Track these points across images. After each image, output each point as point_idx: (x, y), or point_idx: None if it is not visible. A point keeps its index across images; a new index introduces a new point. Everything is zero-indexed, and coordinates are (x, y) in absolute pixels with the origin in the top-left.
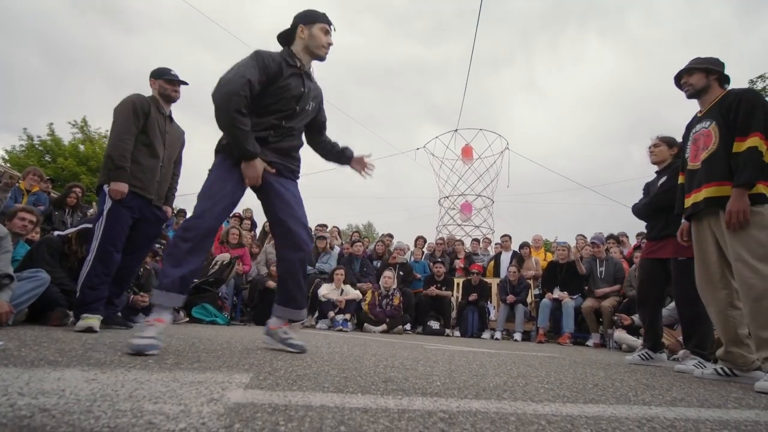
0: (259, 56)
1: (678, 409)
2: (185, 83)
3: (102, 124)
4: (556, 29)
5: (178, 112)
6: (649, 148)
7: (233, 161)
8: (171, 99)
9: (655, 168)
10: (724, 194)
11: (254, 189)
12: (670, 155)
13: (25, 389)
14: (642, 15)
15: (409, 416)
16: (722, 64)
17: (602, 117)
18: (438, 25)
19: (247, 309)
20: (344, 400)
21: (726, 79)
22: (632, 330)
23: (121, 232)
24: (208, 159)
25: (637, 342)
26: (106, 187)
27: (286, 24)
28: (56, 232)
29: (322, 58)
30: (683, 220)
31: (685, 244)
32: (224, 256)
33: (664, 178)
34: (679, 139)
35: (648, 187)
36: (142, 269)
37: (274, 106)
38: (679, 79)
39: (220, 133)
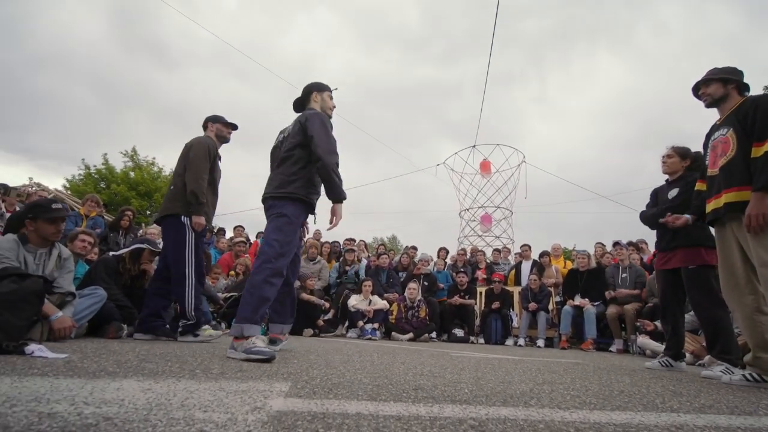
0: (328, 121)
1: (707, 416)
2: (237, 127)
3: (149, 152)
4: (566, 45)
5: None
6: (663, 157)
7: (304, 210)
8: (226, 140)
9: (667, 177)
10: (744, 199)
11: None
12: (682, 167)
13: (90, 399)
14: (650, 27)
15: (441, 423)
16: (740, 73)
17: (615, 127)
18: (452, 47)
19: None
20: (378, 407)
21: (745, 87)
22: (655, 335)
23: (200, 258)
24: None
25: (661, 348)
26: (185, 219)
27: (311, 52)
28: (111, 253)
29: (330, 118)
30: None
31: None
32: None
33: (675, 190)
34: (694, 149)
35: (656, 194)
36: None
37: None
38: (697, 90)
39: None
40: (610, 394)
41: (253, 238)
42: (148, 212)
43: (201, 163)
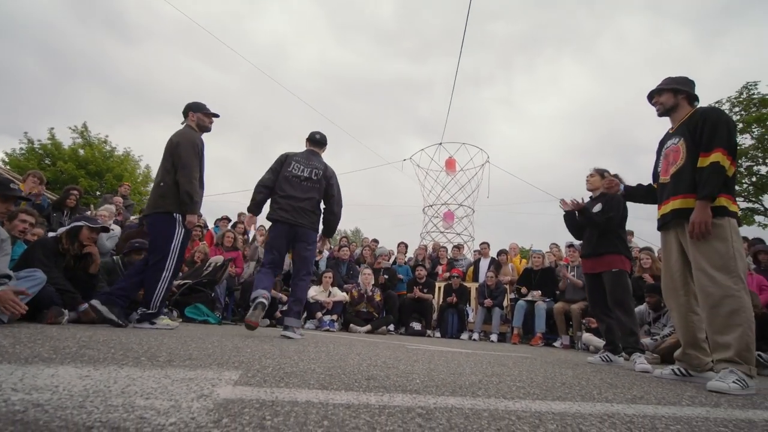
0: None
1: (637, 406)
2: (218, 116)
3: (102, 129)
4: (533, 51)
5: (172, 120)
6: (587, 177)
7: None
8: (207, 130)
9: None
10: (689, 206)
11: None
12: (602, 185)
13: (19, 385)
14: (612, 41)
15: (389, 412)
16: (691, 83)
17: (575, 132)
18: (425, 44)
19: (238, 309)
20: (328, 396)
21: (695, 98)
22: (599, 332)
23: (183, 256)
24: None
25: (602, 344)
26: (177, 215)
27: (282, 39)
28: (50, 234)
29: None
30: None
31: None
32: (218, 259)
33: (598, 206)
34: (639, 159)
35: (586, 208)
36: None
37: None
38: (651, 98)
39: None
40: (553, 386)
41: (210, 225)
42: (98, 192)
43: (191, 162)
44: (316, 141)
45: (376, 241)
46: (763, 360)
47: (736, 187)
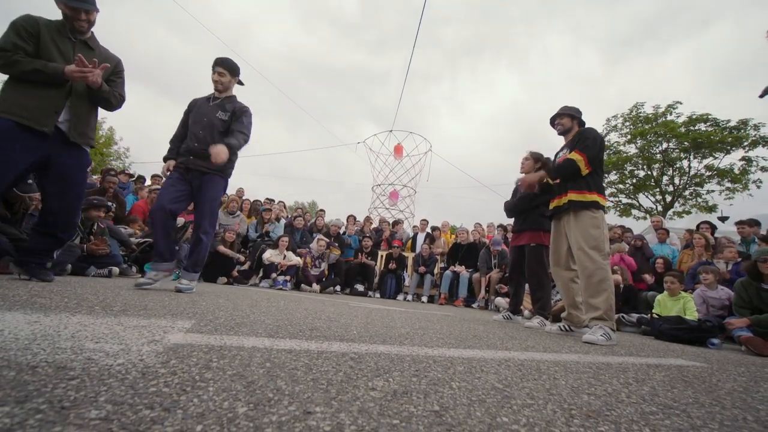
0: None
1: (528, 353)
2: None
3: None
4: (476, 56)
5: (140, 86)
6: (522, 160)
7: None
8: (70, 20)
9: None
10: (582, 199)
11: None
12: (535, 168)
13: None
14: (540, 55)
15: (326, 356)
16: (581, 112)
17: (504, 130)
18: (383, 38)
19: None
20: (273, 343)
21: (584, 123)
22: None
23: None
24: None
25: None
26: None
27: (247, 16)
28: None
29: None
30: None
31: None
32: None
33: None
34: (546, 156)
35: (516, 190)
36: (96, 225)
37: None
38: (553, 120)
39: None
40: (466, 338)
41: None
42: None
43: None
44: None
45: (323, 210)
46: (625, 320)
47: (620, 186)
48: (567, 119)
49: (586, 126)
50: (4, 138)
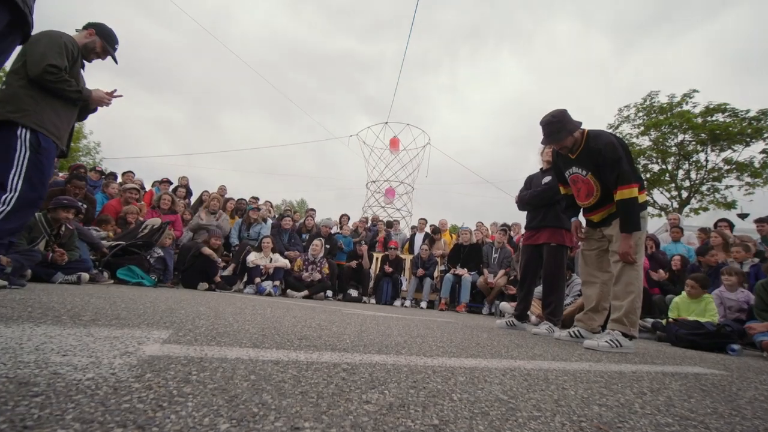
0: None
1: (535, 362)
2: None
3: None
4: (476, 43)
5: (111, 74)
6: (543, 152)
7: None
8: (88, 59)
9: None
10: (610, 213)
11: None
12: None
13: None
14: (546, 42)
15: (316, 367)
16: (568, 115)
17: (508, 123)
18: (376, 24)
19: (176, 273)
20: (259, 354)
21: (578, 124)
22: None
23: None
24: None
25: None
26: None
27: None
28: None
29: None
30: (573, 219)
31: (581, 237)
32: (155, 221)
33: (548, 178)
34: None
35: (531, 180)
36: (64, 228)
37: None
38: (547, 143)
39: None
40: (468, 346)
41: (148, 187)
42: None
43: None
44: None
45: (313, 209)
46: (639, 325)
47: None
48: (566, 136)
49: (587, 130)
50: (52, 158)
